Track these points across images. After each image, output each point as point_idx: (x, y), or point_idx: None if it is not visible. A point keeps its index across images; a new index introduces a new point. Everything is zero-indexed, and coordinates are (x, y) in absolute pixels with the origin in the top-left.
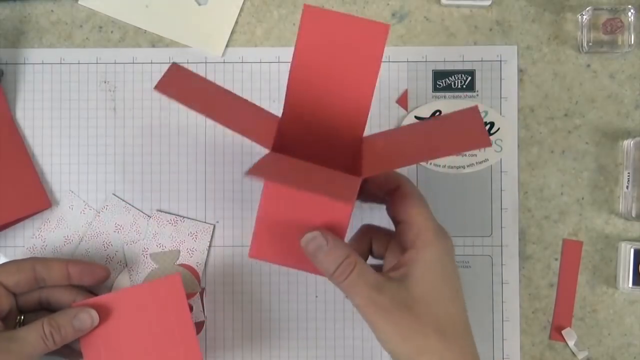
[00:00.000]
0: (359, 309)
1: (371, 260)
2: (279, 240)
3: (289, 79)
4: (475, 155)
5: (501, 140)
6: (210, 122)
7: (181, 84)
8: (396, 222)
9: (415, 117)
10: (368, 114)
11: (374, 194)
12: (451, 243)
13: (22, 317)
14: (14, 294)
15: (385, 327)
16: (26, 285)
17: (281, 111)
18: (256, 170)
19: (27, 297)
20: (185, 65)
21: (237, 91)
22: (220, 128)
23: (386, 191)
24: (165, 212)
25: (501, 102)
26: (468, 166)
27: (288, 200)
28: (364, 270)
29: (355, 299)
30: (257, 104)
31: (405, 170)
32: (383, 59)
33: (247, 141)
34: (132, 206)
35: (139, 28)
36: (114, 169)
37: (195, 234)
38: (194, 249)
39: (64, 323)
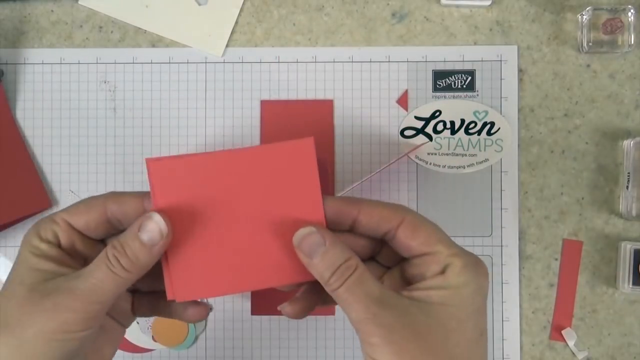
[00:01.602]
0: (355, 324)
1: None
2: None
3: None
4: (475, 155)
5: (501, 140)
6: (210, 122)
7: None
8: (412, 257)
9: (415, 117)
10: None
11: (364, 243)
12: (487, 278)
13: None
14: (89, 237)
15: (384, 350)
16: (98, 227)
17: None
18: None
19: None
20: (185, 65)
21: (237, 91)
22: (219, 128)
23: (386, 231)
24: None
25: (501, 102)
26: (468, 166)
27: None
28: (365, 277)
29: (352, 312)
30: (257, 104)
31: (405, 170)
32: (383, 59)
33: (246, 142)
34: None
35: (139, 28)
36: (114, 169)
37: None
38: None
39: (129, 239)
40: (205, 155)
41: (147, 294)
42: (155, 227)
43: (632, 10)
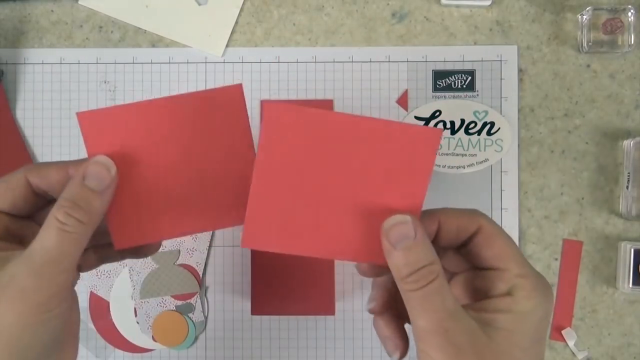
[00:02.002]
0: (420, 332)
1: None
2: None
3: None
4: (475, 155)
5: (501, 140)
6: None
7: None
8: (481, 269)
9: (415, 117)
10: None
11: (445, 247)
12: (553, 301)
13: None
14: (17, 216)
15: None
16: (26, 203)
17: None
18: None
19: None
20: (185, 65)
21: None
22: None
23: (464, 238)
24: None
25: (501, 102)
26: (468, 166)
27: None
28: (445, 287)
29: (422, 320)
30: (257, 104)
31: None
32: (383, 59)
33: None
34: None
35: (139, 28)
36: None
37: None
38: (194, 249)
39: (77, 190)
40: (136, 104)
41: (90, 248)
42: (101, 169)
43: (632, 10)
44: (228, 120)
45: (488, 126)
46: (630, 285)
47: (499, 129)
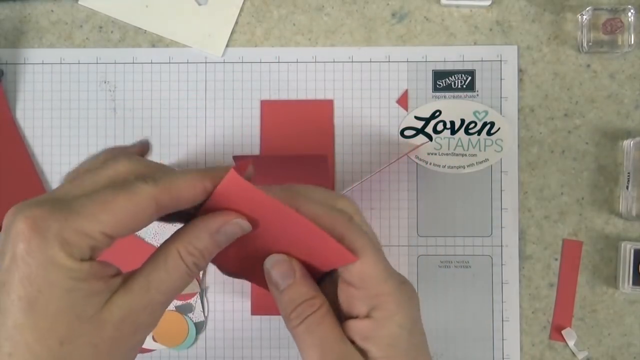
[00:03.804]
0: None
1: None
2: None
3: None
4: (475, 155)
5: (501, 140)
6: (210, 122)
7: None
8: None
9: (415, 117)
10: None
11: None
12: (415, 297)
13: None
14: None
15: None
16: (144, 227)
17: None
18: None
19: None
20: (185, 65)
21: (237, 91)
22: (219, 128)
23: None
24: None
25: (501, 102)
26: (468, 166)
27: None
28: (327, 319)
29: (307, 355)
30: (257, 104)
31: (405, 170)
32: (383, 59)
33: (246, 142)
34: None
35: (139, 28)
36: None
37: None
38: None
39: (207, 244)
40: (265, 197)
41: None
42: (237, 232)
43: (632, 10)
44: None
45: (488, 126)
46: (630, 285)
47: (499, 129)
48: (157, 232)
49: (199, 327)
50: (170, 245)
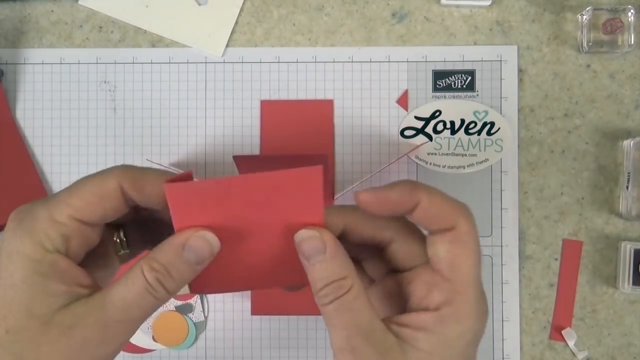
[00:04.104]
0: (333, 350)
1: None
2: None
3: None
4: (475, 155)
5: (501, 140)
6: (210, 122)
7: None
8: (407, 270)
9: (415, 117)
10: None
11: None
12: (486, 319)
13: (123, 236)
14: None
15: None
16: (114, 215)
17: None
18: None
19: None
20: (185, 65)
21: (237, 91)
22: (219, 128)
23: (433, 231)
24: None
25: (501, 102)
26: (468, 166)
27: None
28: (358, 302)
29: (333, 336)
30: (257, 104)
31: (405, 170)
32: (383, 59)
33: (246, 142)
34: None
35: (139, 28)
36: None
37: None
38: None
39: (172, 260)
40: (217, 181)
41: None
42: (204, 246)
43: (632, 10)
44: (304, 196)
45: (488, 126)
46: (630, 285)
47: (499, 129)
48: None
49: (199, 327)
50: (136, 263)
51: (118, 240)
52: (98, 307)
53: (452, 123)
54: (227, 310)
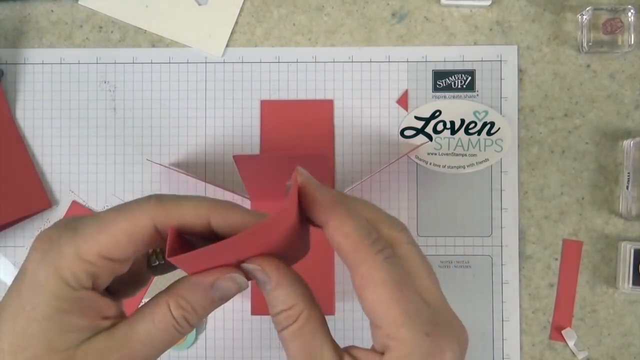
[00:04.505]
0: None
1: None
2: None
3: None
4: (475, 155)
5: (501, 140)
6: (210, 122)
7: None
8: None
9: (415, 117)
10: None
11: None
12: (445, 354)
13: (157, 256)
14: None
15: None
16: (145, 250)
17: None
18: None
19: None
20: (185, 65)
21: (237, 91)
22: (219, 128)
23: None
24: None
25: (501, 102)
26: (468, 166)
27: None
28: (308, 329)
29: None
30: (257, 104)
31: (405, 170)
32: (383, 59)
33: (246, 142)
34: None
35: (139, 28)
36: (114, 169)
37: None
38: None
39: (200, 299)
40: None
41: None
42: (233, 288)
43: (632, 10)
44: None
45: (488, 126)
46: (630, 285)
47: (499, 129)
48: None
49: (199, 327)
50: (160, 297)
51: (151, 252)
52: (123, 342)
53: (452, 123)
54: (227, 310)
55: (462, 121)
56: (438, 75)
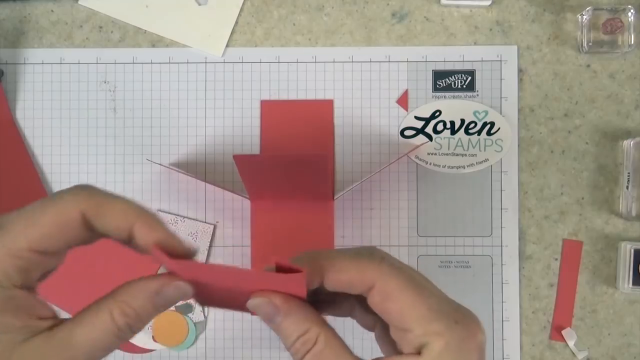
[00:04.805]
0: None
1: None
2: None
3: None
4: (475, 155)
5: (501, 140)
6: (210, 122)
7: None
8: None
9: (415, 117)
10: None
11: (339, 302)
12: (472, 337)
13: None
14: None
15: None
16: (76, 242)
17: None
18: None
19: None
20: (185, 65)
21: (237, 91)
22: (219, 128)
23: (359, 292)
24: (166, 212)
25: (501, 102)
26: (468, 166)
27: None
28: (329, 349)
29: None
30: (257, 104)
31: (405, 170)
32: (383, 59)
33: (246, 142)
34: None
35: (139, 28)
36: (114, 169)
37: (195, 234)
38: None
39: (144, 305)
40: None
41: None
42: (177, 296)
43: (632, 10)
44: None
45: (488, 126)
46: (630, 285)
47: (499, 129)
48: None
49: (199, 327)
50: (103, 303)
51: None
52: (62, 345)
53: (452, 123)
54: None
55: (462, 121)
56: (438, 75)
